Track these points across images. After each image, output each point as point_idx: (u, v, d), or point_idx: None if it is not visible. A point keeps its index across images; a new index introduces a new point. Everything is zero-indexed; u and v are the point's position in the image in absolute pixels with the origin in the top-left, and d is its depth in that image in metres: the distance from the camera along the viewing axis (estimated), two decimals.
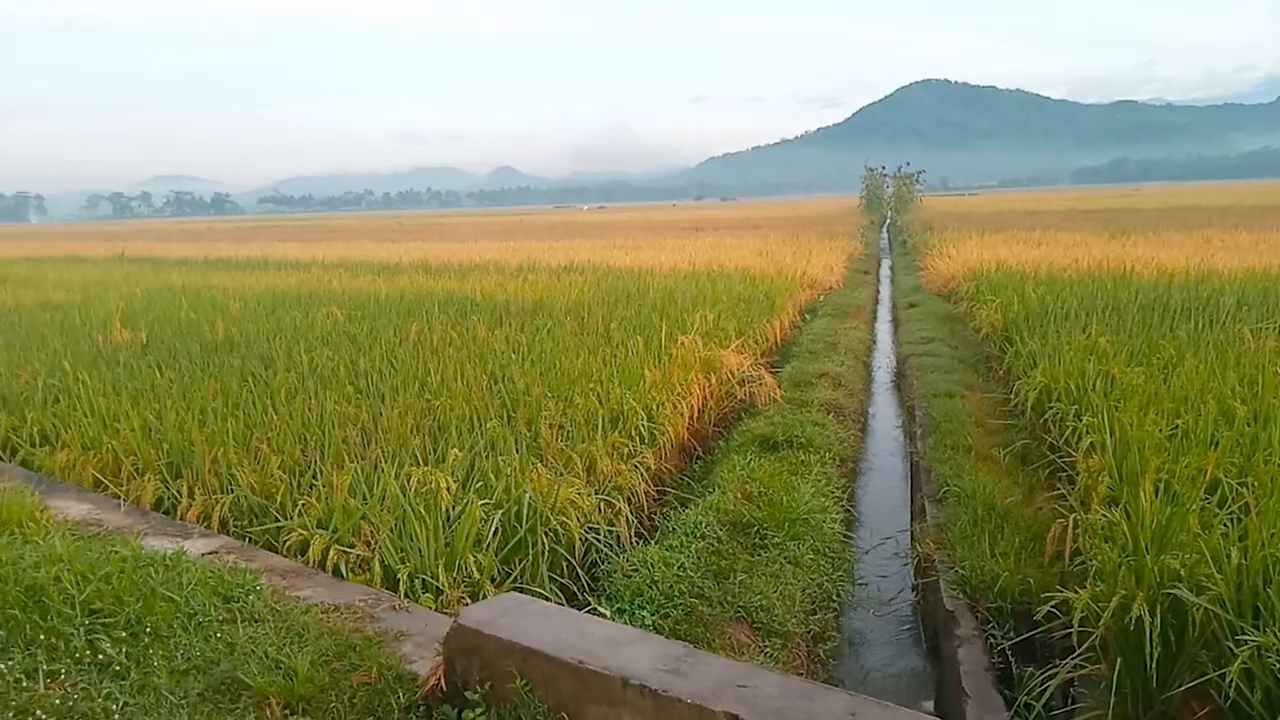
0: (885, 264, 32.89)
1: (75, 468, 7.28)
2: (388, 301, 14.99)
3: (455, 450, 6.49)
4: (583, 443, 7.15)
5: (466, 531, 5.33)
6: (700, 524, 6.26)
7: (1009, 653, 4.84)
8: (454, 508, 5.63)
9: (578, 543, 5.93)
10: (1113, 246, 21.85)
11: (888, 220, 64.91)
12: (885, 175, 72.68)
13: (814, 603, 5.67)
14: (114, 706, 3.51)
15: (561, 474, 6.48)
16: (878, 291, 23.98)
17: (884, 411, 11.70)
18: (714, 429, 9.66)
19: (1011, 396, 9.49)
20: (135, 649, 3.92)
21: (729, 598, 5.36)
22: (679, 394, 8.81)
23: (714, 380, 9.82)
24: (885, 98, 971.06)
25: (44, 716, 3.42)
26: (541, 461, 6.67)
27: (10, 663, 3.75)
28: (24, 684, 3.62)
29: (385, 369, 9.39)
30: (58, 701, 3.51)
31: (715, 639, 4.90)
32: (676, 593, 5.30)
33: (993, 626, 5.10)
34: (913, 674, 5.49)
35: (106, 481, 6.96)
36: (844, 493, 7.63)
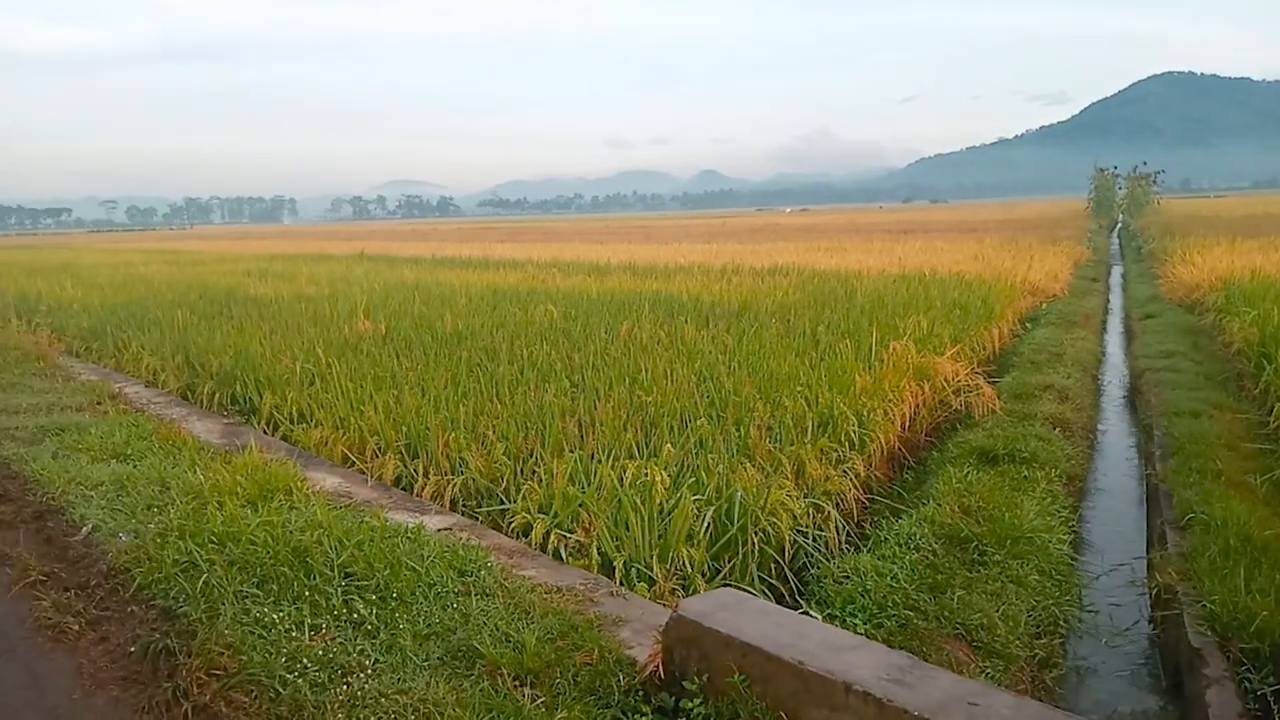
0: (1116, 271, 30.48)
1: (327, 444, 8.01)
2: (599, 300, 15.49)
3: (668, 446, 6.64)
4: (791, 445, 7.12)
5: (680, 526, 5.45)
6: (914, 535, 6.07)
7: (1270, 699, 4.39)
8: (667, 502, 5.76)
9: (787, 545, 5.92)
10: None
11: (1118, 224, 60.15)
12: (1117, 176, 67.33)
13: (1038, 626, 5.37)
14: (366, 662, 3.86)
15: (770, 475, 6.48)
16: (1107, 300, 22.27)
17: (1116, 429, 10.87)
18: (925, 439, 9.34)
19: (1269, 419, 8.57)
20: (384, 611, 4.28)
21: (946, 613, 5.17)
22: (890, 401, 8.59)
23: (927, 389, 9.50)
24: (1119, 93, 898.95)
25: (309, 664, 3.81)
26: (750, 461, 6.70)
27: (281, 614, 4.20)
28: (293, 634, 4.05)
29: (599, 365, 9.71)
30: (320, 652, 3.90)
31: (931, 654, 4.74)
32: (890, 603, 5.17)
33: (1247, 669, 4.64)
34: (1150, 712, 5.09)
35: (353, 458, 7.63)
36: (1071, 513, 7.16)
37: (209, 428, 8.75)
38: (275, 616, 4.17)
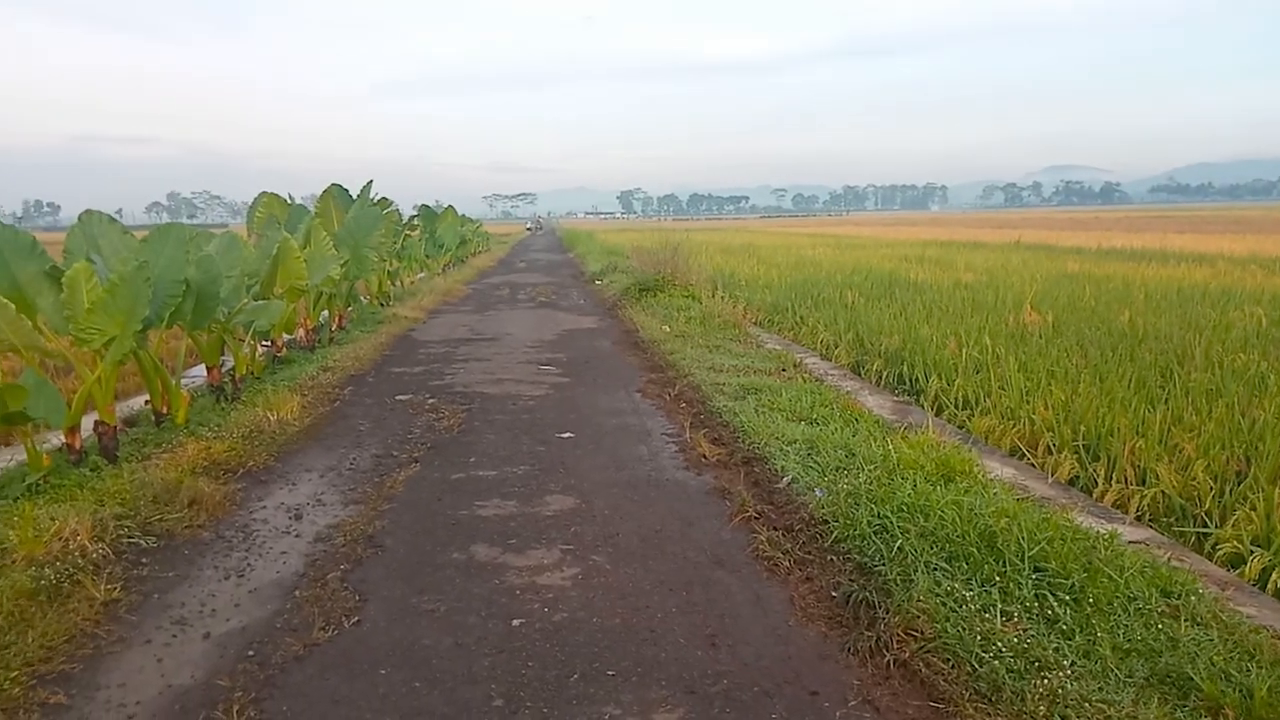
0: None
1: (994, 434, 7.96)
2: None
3: None
4: None
5: None
6: None
7: None
8: None
9: None
10: None
11: None
12: None
13: None
14: (1064, 661, 3.74)
15: None
16: None
17: None
18: None
19: None
20: (1079, 615, 4.11)
21: None
22: None
23: None
24: None
25: (1004, 649, 3.82)
26: None
27: (972, 593, 4.30)
28: (985, 615, 4.11)
29: None
30: (1014, 639, 3.89)
31: None
32: None
33: None
34: None
35: (1024, 450, 7.46)
36: None
37: (880, 403, 9.33)
38: (967, 594, 4.28)
